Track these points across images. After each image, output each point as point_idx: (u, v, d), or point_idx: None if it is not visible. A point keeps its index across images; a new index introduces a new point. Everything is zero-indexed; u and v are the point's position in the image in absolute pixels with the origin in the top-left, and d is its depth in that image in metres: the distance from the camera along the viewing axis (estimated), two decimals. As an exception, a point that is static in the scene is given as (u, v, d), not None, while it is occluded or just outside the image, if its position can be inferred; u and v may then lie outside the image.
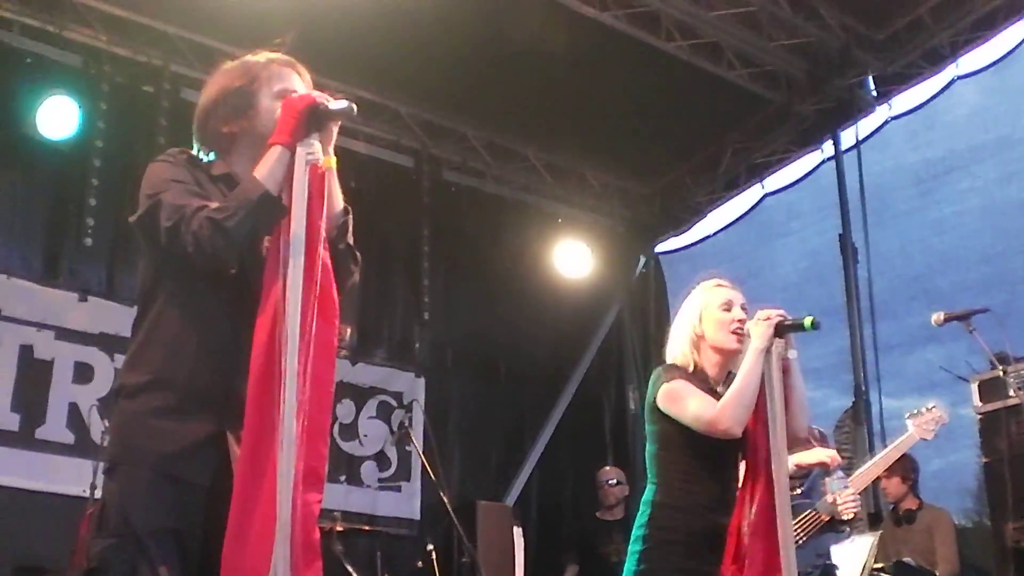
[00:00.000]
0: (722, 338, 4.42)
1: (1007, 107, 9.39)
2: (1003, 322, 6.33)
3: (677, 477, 4.35)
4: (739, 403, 4.16)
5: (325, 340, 3.13)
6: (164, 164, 3.39)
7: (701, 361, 4.47)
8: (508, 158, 10.86)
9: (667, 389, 4.37)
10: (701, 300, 4.54)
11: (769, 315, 4.23)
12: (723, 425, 4.17)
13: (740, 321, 4.40)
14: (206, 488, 3.18)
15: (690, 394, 4.31)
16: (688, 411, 4.28)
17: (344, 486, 9.61)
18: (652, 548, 4.29)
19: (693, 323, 4.50)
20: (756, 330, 4.23)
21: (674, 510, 4.31)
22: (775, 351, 4.18)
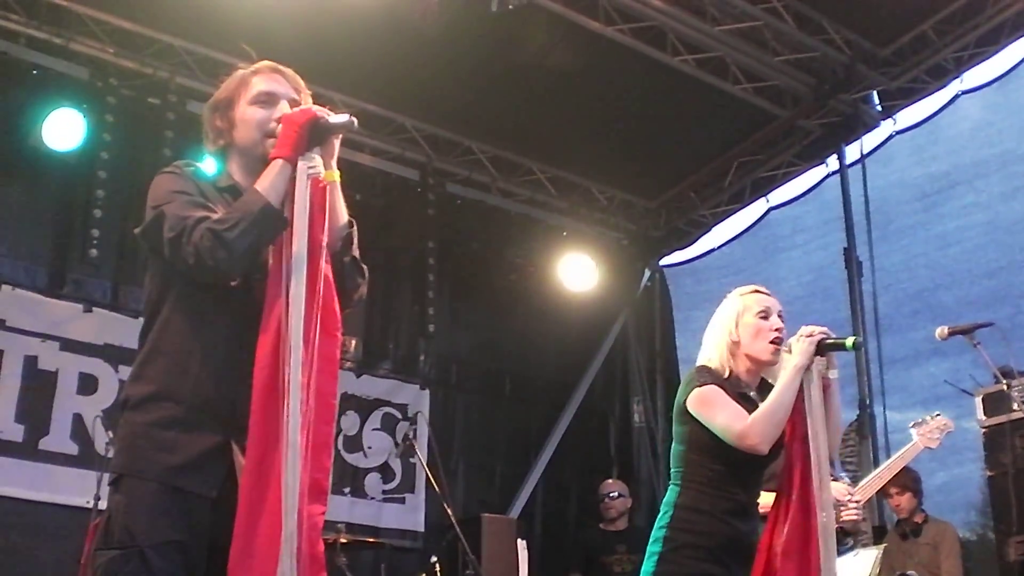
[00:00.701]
0: (758, 347, 4.38)
1: (1011, 122, 9.40)
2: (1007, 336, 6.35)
3: (702, 481, 4.30)
4: (770, 420, 4.13)
5: (327, 353, 3.15)
6: (169, 176, 3.41)
7: (735, 367, 4.42)
8: (513, 171, 10.87)
9: (699, 393, 4.32)
10: (738, 306, 4.50)
11: (812, 331, 4.18)
12: (751, 441, 4.12)
13: (778, 330, 4.37)
14: (211, 500, 3.19)
15: (721, 403, 4.25)
16: (717, 420, 4.23)
17: (348, 498, 9.61)
18: (673, 550, 4.24)
19: (729, 328, 4.44)
20: (797, 346, 4.18)
21: (698, 513, 4.27)
22: (816, 369, 4.14)
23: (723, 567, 4.18)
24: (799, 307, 10.29)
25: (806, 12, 9.24)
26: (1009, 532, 7.08)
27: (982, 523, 9.07)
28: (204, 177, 3.45)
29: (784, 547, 4.01)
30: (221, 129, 3.49)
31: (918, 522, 8.04)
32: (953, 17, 9.27)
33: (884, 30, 9.51)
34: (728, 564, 4.18)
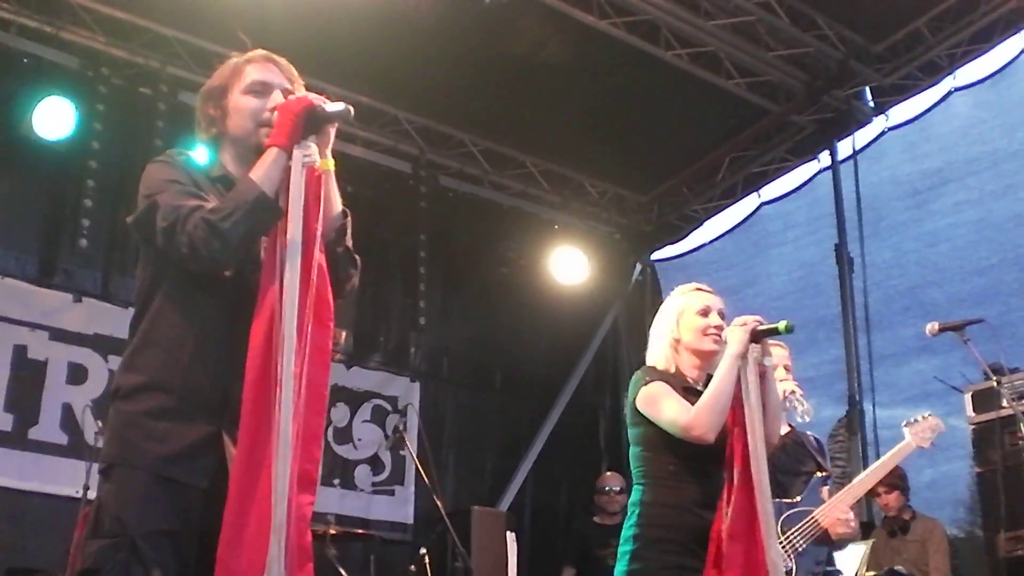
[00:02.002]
0: (699, 342, 4.48)
1: (1003, 120, 9.41)
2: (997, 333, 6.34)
3: (664, 476, 4.37)
4: (712, 409, 4.21)
5: (320, 343, 3.14)
6: (161, 165, 3.39)
7: (680, 364, 4.52)
8: (505, 165, 10.86)
9: (646, 392, 4.41)
10: (679, 305, 4.60)
11: (745, 321, 4.30)
12: (696, 431, 4.20)
13: (717, 327, 4.46)
14: (202, 490, 3.19)
15: (667, 398, 4.35)
16: (664, 415, 4.32)
17: (338, 490, 9.61)
18: (645, 547, 4.29)
19: (671, 327, 4.55)
20: (732, 336, 4.30)
21: (665, 507, 4.33)
22: (751, 357, 4.25)
23: (696, 558, 4.19)
24: (789, 302, 10.33)
25: (800, 8, 9.23)
26: (998, 528, 7.11)
27: (970, 520, 9.09)
28: (196, 166, 3.44)
29: (730, 531, 4.07)
30: (214, 117, 3.48)
31: (906, 519, 8.06)
32: (947, 14, 9.28)
33: (878, 26, 9.50)
34: (701, 555, 4.19)
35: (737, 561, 4.02)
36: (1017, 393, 7.11)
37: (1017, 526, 6.86)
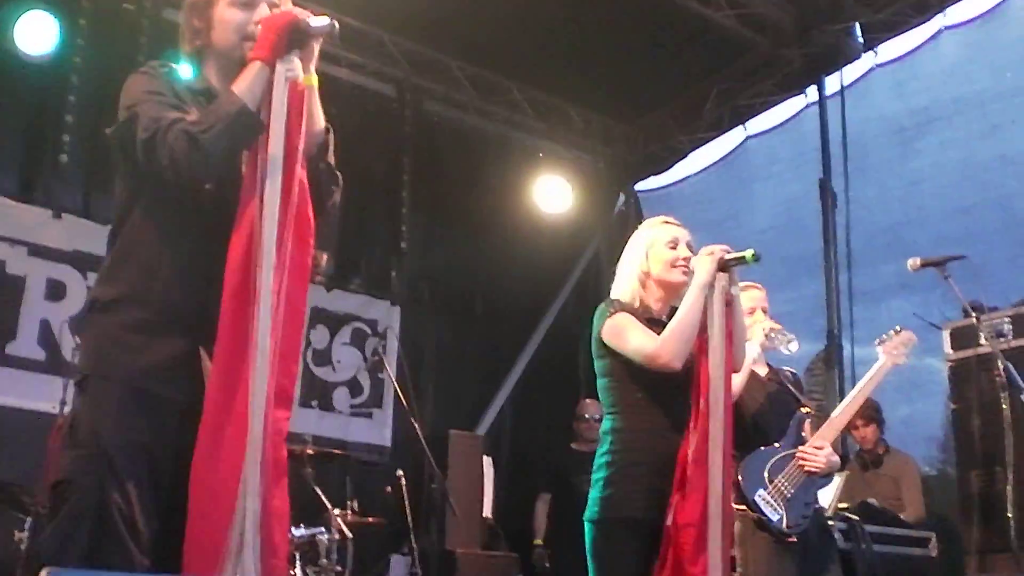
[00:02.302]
0: (668, 274, 4.51)
1: (992, 60, 9.38)
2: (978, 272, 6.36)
3: (632, 404, 4.42)
4: (679, 337, 4.25)
5: (299, 260, 3.14)
6: (143, 76, 3.36)
7: (646, 297, 4.55)
8: (491, 91, 10.79)
9: (611, 324, 4.44)
10: (648, 237, 4.63)
11: (712, 250, 4.33)
12: (662, 359, 4.24)
13: (686, 259, 4.47)
14: (178, 404, 3.19)
15: (632, 328, 4.38)
16: (630, 345, 4.36)
17: (316, 411, 9.63)
18: (618, 472, 4.34)
19: (640, 260, 4.58)
20: (700, 265, 4.33)
21: (636, 432, 4.38)
22: (718, 285, 4.29)
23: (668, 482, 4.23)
24: (772, 237, 10.33)
25: (792, -60, 9.17)
26: (971, 465, 7.17)
27: (942, 458, 9.17)
28: (178, 79, 3.41)
29: (695, 454, 4.14)
30: (198, 29, 3.44)
31: (880, 453, 8.11)
32: (939, -49, 9.22)
33: (869, -39, 9.45)
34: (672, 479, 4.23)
35: (700, 484, 4.08)
36: (995, 331, 7.14)
37: (990, 463, 6.91)
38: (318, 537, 7.23)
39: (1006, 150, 9.12)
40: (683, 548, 4.06)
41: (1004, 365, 5.69)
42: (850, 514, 6.67)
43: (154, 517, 3.12)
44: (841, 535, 6.52)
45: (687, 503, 4.11)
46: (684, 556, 4.04)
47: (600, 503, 4.33)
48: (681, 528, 4.09)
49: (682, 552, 4.06)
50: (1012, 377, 5.69)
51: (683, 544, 4.06)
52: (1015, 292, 7.74)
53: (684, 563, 4.04)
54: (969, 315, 6.07)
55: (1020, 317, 7.30)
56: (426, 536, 8.54)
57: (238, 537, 2.92)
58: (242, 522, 2.93)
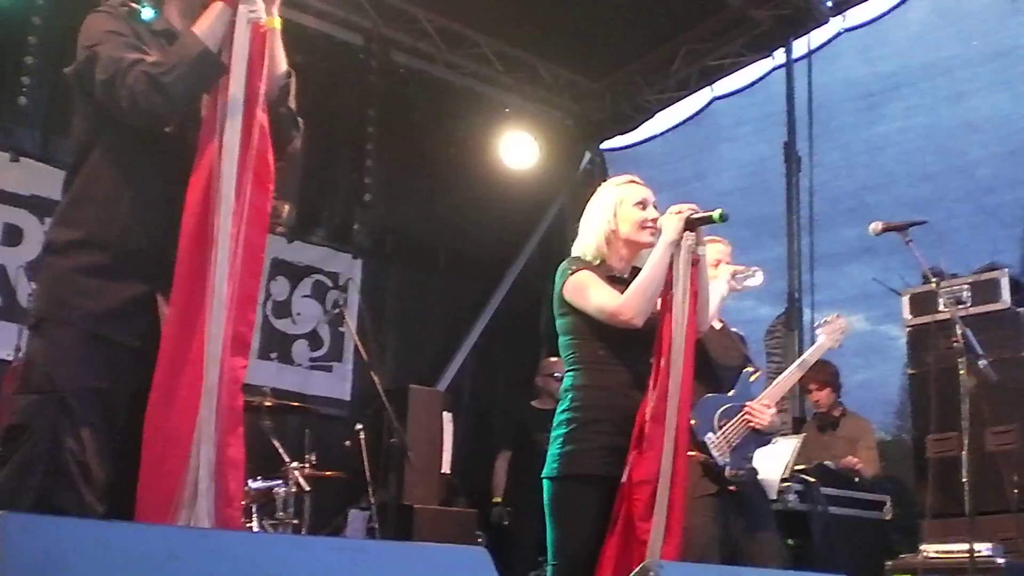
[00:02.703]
0: (637, 234, 4.49)
1: (959, 27, 9.40)
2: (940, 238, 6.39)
3: (594, 360, 4.42)
4: (643, 295, 4.26)
5: (258, 205, 3.11)
6: (103, 15, 3.32)
7: (610, 255, 4.53)
8: (460, 44, 10.69)
9: (573, 281, 4.43)
10: (616, 195, 4.59)
11: (680, 209, 4.32)
12: (625, 316, 4.25)
13: (654, 220, 4.47)
14: (134, 349, 3.17)
15: (594, 285, 4.38)
16: (592, 302, 4.35)
17: (275, 364, 9.57)
18: (578, 428, 4.34)
19: (608, 217, 4.54)
20: (667, 223, 4.32)
21: (597, 390, 4.38)
22: (685, 245, 4.28)
23: (627, 439, 4.24)
24: (737, 198, 10.34)
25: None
26: (927, 430, 7.22)
27: (898, 424, 9.24)
28: (139, 19, 3.36)
29: (653, 412, 4.15)
30: None
31: (836, 416, 8.17)
32: (910, -86, 9.21)
33: (841, -77, 9.43)
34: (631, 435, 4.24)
35: (658, 442, 4.09)
36: (954, 297, 7.18)
37: (946, 428, 6.96)
38: (275, 490, 7.22)
39: (971, 117, 9.16)
40: (636, 505, 4.07)
41: (962, 331, 5.72)
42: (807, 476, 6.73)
43: (109, 462, 3.11)
44: (797, 496, 6.58)
45: (643, 460, 4.11)
46: (636, 513, 4.06)
47: (559, 460, 4.33)
48: (636, 485, 4.10)
49: (635, 509, 4.07)
50: (970, 343, 5.72)
51: (636, 501, 4.08)
52: (976, 259, 7.79)
53: (636, 520, 4.05)
54: (929, 281, 6.10)
55: (979, 284, 7.35)
56: (384, 490, 8.53)
57: (192, 484, 2.92)
58: (196, 470, 2.92)
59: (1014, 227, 8.59)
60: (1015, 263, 8.06)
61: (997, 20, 9.14)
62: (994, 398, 6.60)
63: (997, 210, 8.78)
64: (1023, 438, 6.86)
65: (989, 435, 6.87)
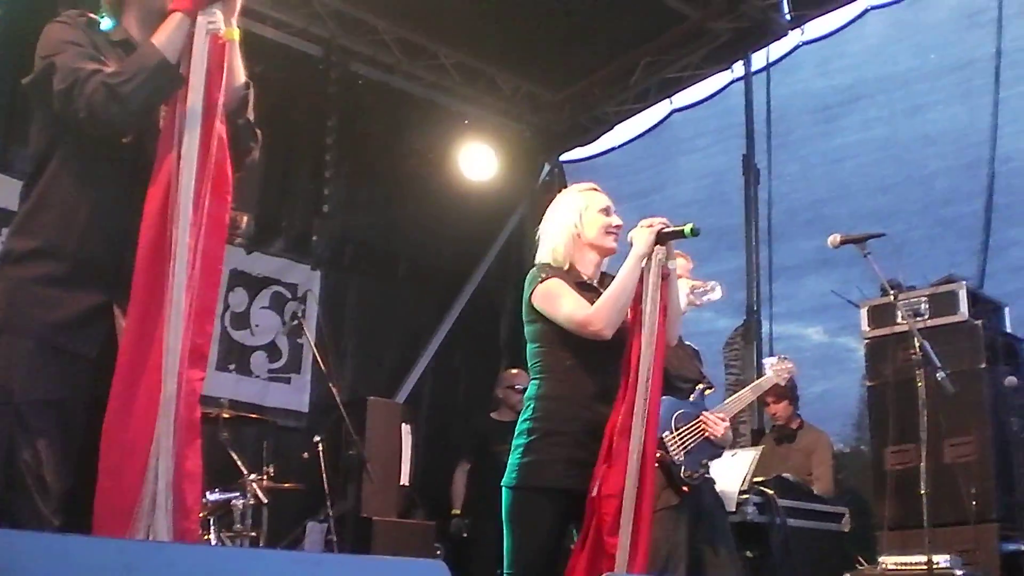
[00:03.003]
0: (602, 239, 4.52)
1: (917, 40, 9.48)
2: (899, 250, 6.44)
3: (560, 371, 4.41)
4: (613, 306, 4.27)
5: (217, 216, 3.09)
6: (61, 25, 3.30)
7: (577, 260, 4.54)
8: (418, 55, 10.68)
9: (543, 289, 4.42)
10: (580, 202, 4.60)
11: (652, 222, 4.34)
12: (595, 327, 4.26)
13: (618, 227, 4.53)
14: (90, 360, 3.15)
15: (564, 293, 4.37)
16: (562, 311, 4.35)
17: (233, 375, 9.50)
18: (538, 439, 4.33)
19: (574, 221, 4.54)
20: (638, 236, 4.34)
21: (560, 401, 4.37)
22: (655, 258, 4.30)
23: (588, 452, 4.25)
24: (695, 210, 10.37)
25: (723, -88, 9.17)
26: (886, 442, 7.25)
27: (856, 436, 9.29)
28: (96, 29, 3.35)
29: (621, 426, 4.15)
30: None
31: (794, 428, 8.22)
32: (868, -71, 9.28)
33: (800, -63, 9.49)
34: (593, 448, 4.24)
35: (625, 457, 4.08)
36: (912, 310, 7.23)
37: (903, 440, 7.00)
38: (233, 502, 7.19)
39: (928, 130, 9.24)
40: (604, 519, 4.07)
41: (920, 343, 5.76)
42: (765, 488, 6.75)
43: (65, 475, 3.08)
44: (756, 508, 6.60)
45: (611, 474, 4.11)
46: (604, 527, 4.06)
47: (518, 470, 4.33)
48: (604, 499, 4.09)
49: (603, 523, 4.07)
50: (928, 355, 5.76)
51: (604, 515, 4.07)
52: (933, 271, 7.84)
53: (604, 534, 4.04)
54: (887, 293, 6.13)
55: (938, 296, 7.40)
56: (343, 502, 8.51)
57: (150, 497, 2.90)
58: (154, 482, 2.90)
59: (971, 239, 8.66)
60: (973, 275, 8.13)
61: (954, 33, 9.23)
62: (952, 410, 6.62)
63: (954, 222, 8.86)
64: (981, 450, 6.91)
65: (947, 447, 6.91)
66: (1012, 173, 8.58)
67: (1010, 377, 7.02)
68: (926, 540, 5.71)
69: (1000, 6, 8.89)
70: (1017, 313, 7.87)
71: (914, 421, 5.94)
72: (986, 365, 7.12)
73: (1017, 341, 7.65)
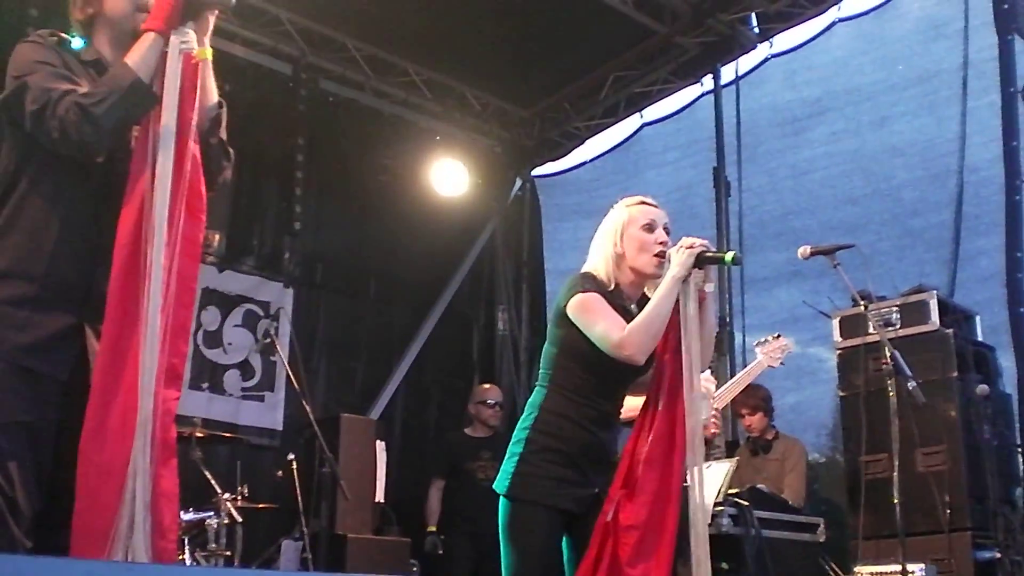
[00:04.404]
0: (642, 260, 4.30)
1: (884, 52, 9.53)
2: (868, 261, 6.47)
3: (569, 387, 4.29)
4: (647, 331, 4.07)
5: (191, 235, 3.09)
6: (32, 45, 3.30)
7: (620, 279, 4.35)
8: (388, 71, 10.69)
9: (581, 299, 4.23)
10: (623, 217, 4.40)
11: (692, 243, 4.11)
12: (627, 351, 4.07)
13: (662, 243, 4.28)
14: (61, 382, 3.14)
15: (602, 311, 4.19)
16: (596, 328, 4.16)
17: (206, 394, 9.47)
18: (534, 452, 4.24)
19: (614, 240, 4.35)
20: (676, 258, 4.10)
21: (561, 418, 4.25)
22: (693, 281, 4.09)
23: (580, 472, 4.20)
24: (665, 224, 10.38)
25: (690, -73, 9.22)
26: (859, 452, 7.29)
27: (831, 445, 9.32)
28: (68, 49, 3.34)
29: (647, 456, 4.00)
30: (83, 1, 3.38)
31: (769, 439, 8.23)
32: (836, -58, 9.34)
33: (767, -49, 9.55)
34: (585, 470, 4.20)
35: (650, 487, 3.97)
36: (883, 320, 7.28)
37: (877, 449, 7.04)
38: (207, 521, 7.16)
39: (896, 141, 9.29)
40: (623, 548, 3.96)
41: (891, 353, 5.79)
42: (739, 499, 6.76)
43: (37, 497, 3.07)
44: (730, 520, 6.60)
45: (633, 504, 3.99)
46: (623, 558, 3.94)
47: (511, 479, 4.25)
48: (624, 529, 3.98)
49: (621, 552, 3.96)
50: (899, 365, 5.79)
51: (624, 545, 3.96)
52: (903, 281, 7.90)
53: (623, 564, 3.95)
54: (858, 304, 6.17)
55: (908, 306, 7.46)
56: (317, 520, 8.47)
57: (127, 518, 2.88)
58: (131, 503, 2.88)
59: (940, 249, 8.72)
60: (942, 285, 8.18)
61: (920, 45, 9.29)
62: (924, 419, 6.65)
63: (923, 233, 8.91)
64: (953, 459, 6.96)
65: (919, 456, 6.96)
66: (980, 183, 8.64)
67: (981, 385, 7.07)
68: (900, 549, 5.74)
69: (966, 17, 8.97)
70: (988, 322, 7.94)
71: (886, 431, 5.97)
72: (957, 374, 7.18)
73: (988, 350, 7.72)
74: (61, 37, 3.36)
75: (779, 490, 7.64)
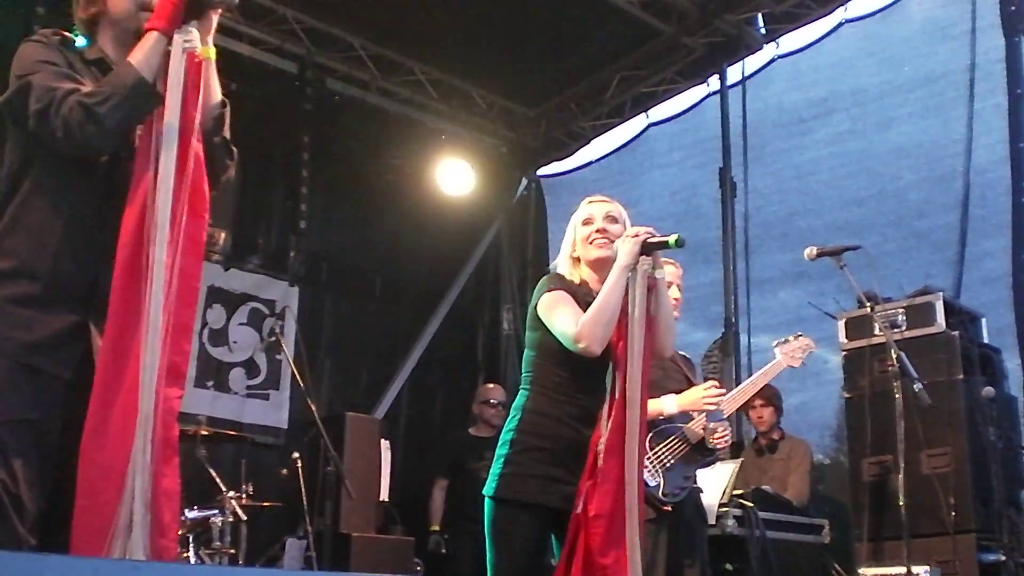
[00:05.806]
0: (588, 253, 4.45)
1: (891, 53, 9.52)
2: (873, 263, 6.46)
3: (549, 386, 4.36)
4: (598, 321, 4.15)
5: (193, 234, 3.09)
6: (36, 45, 3.29)
7: (582, 275, 4.48)
8: (394, 71, 10.70)
9: (545, 298, 4.37)
10: (574, 219, 4.57)
11: (637, 232, 4.20)
12: (583, 343, 4.15)
13: (598, 231, 4.43)
14: (65, 380, 3.13)
15: (563, 307, 4.31)
16: (557, 324, 4.28)
17: (211, 392, 9.48)
18: (519, 452, 4.30)
19: (572, 240, 4.53)
20: (623, 247, 4.20)
21: (544, 417, 4.32)
22: (640, 269, 4.15)
23: (566, 470, 4.22)
24: (671, 224, 10.36)
25: (697, -73, 9.21)
26: (863, 453, 7.29)
27: (835, 447, 9.31)
28: (72, 48, 3.34)
29: (607, 444, 4.04)
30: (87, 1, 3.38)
31: (775, 439, 8.20)
32: (843, -57, 9.33)
33: (774, -49, 9.54)
34: (571, 467, 4.21)
35: (612, 475, 4.00)
36: (889, 321, 7.26)
37: (881, 451, 7.04)
38: (212, 519, 7.17)
39: (902, 142, 9.28)
40: (593, 538, 3.99)
41: (897, 355, 5.79)
42: (744, 500, 6.75)
43: (41, 494, 3.07)
44: (735, 521, 6.60)
45: (598, 494, 4.02)
46: (595, 547, 3.96)
47: (498, 480, 4.30)
48: (592, 519, 4.01)
49: (592, 542, 3.98)
50: (904, 366, 5.79)
51: (593, 534, 3.99)
52: (908, 283, 7.88)
53: (594, 554, 3.99)
54: (864, 305, 6.16)
55: (914, 308, 7.45)
56: (321, 519, 8.47)
57: (127, 515, 2.87)
58: (131, 501, 2.88)
59: (945, 251, 8.70)
60: (948, 287, 8.17)
61: (927, 47, 9.28)
62: (929, 421, 6.65)
63: (929, 234, 8.89)
64: (958, 460, 6.94)
65: (924, 458, 6.94)
66: (986, 184, 8.62)
67: (987, 388, 7.06)
68: (905, 551, 5.73)
69: (973, 18, 8.95)
70: (993, 324, 7.93)
71: (891, 432, 5.97)
72: (963, 376, 7.16)
73: (994, 352, 7.70)
74: (64, 36, 3.35)
75: (783, 490, 7.63)
